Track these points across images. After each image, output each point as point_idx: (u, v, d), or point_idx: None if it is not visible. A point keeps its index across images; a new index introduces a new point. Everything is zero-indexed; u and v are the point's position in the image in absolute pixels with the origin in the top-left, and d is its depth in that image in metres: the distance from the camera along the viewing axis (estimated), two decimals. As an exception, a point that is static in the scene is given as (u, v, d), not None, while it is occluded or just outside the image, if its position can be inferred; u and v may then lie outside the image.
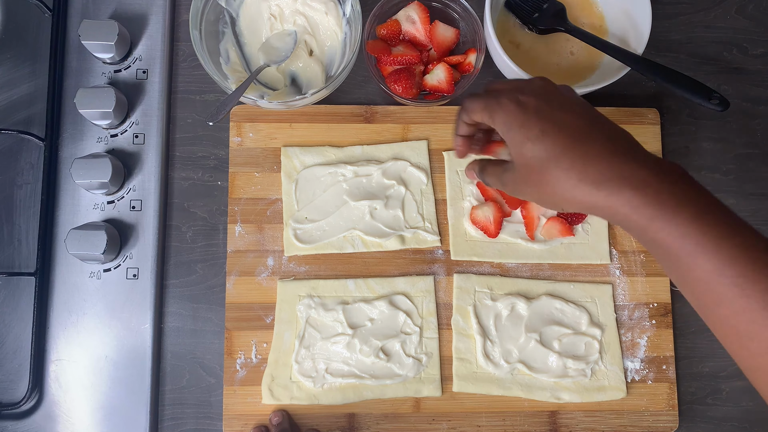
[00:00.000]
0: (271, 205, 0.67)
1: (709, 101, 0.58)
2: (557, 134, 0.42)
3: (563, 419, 0.64)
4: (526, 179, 0.44)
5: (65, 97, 0.67)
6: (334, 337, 0.64)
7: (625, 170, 0.39)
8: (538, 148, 0.42)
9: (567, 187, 0.41)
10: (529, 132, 0.42)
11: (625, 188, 0.39)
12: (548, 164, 0.42)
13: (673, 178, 0.39)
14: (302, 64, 0.66)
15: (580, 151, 0.41)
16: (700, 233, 0.37)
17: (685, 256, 0.38)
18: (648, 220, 0.39)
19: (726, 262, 0.37)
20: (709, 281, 0.38)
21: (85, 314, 0.64)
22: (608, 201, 0.40)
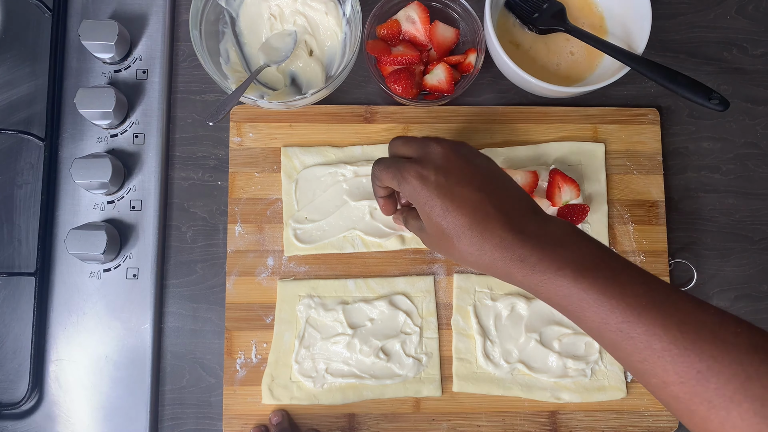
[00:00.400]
0: (271, 205, 0.67)
1: (709, 101, 0.58)
2: (457, 212, 0.46)
3: (563, 419, 0.64)
4: (438, 243, 0.49)
5: (65, 97, 0.67)
6: (334, 337, 0.64)
7: (515, 245, 0.44)
8: (441, 224, 0.47)
9: (472, 257, 0.46)
10: (432, 210, 0.47)
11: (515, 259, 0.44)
12: (452, 236, 0.47)
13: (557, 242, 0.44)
14: (302, 64, 0.66)
15: (478, 229, 0.45)
16: (581, 291, 0.42)
17: (574, 312, 0.43)
18: (537, 285, 0.44)
19: (608, 312, 0.41)
20: (599, 330, 0.42)
21: (85, 314, 0.64)
22: (505, 269, 0.45)
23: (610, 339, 0.41)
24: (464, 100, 0.70)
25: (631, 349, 0.40)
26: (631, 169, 0.69)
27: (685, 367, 0.38)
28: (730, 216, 0.71)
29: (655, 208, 0.68)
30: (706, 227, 0.70)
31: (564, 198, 0.66)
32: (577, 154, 0.68)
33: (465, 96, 0.70)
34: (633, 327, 0.40)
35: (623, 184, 0.69)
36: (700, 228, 0.70)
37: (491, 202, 0.46)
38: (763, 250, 0.70)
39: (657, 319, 0.40)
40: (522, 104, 0.70)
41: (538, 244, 0.44)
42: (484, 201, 0.46)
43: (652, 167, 0.69)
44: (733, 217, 0.71)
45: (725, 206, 0.71)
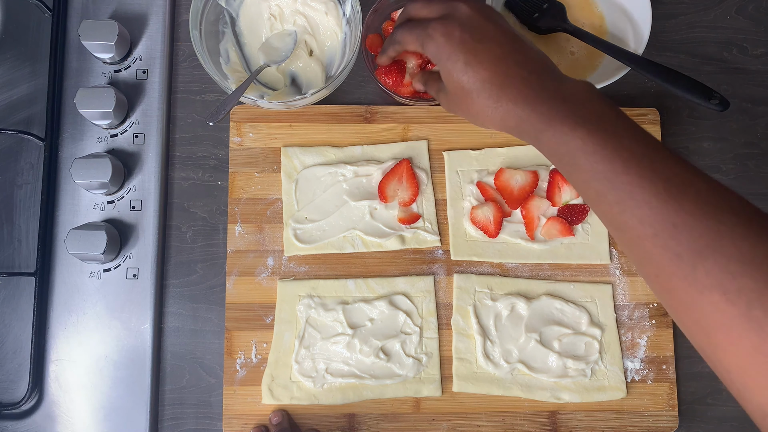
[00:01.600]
0: (271, 205, 0.67)
1: (709, 101, 0.58)
2: (478, 66, 0.47)
3: (563, 419, 0.64)
4: (457, 101, 0.51)
5: (65, 97, 0.67)
6: (334, 337, 0.64)
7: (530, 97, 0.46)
8: (462, 79, 0.48)
9: (488, 111, 0.48)
10: (455, 64, 0.48)
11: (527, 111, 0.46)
12: (470, 92, 0.48)
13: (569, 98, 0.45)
14: (302, 64, 0.66)
15: (497, 84, 0.47)
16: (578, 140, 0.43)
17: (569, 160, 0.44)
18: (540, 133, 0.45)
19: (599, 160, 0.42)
20: (587, 181, 0.43)
21: (85, 314, 0.64)
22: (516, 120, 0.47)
23: (596, 189, 0.42)
24: (464, 100, 0.70)
25: (613, 198, 0.41)
26: (631, 169, 0.69)
27: (662, 219, 0.38)
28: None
29: (655, 208, 0.68)
30: (706, 227, 0.70)
31: (564, 198, 0.66)
32: (577, 154, 0.68)
33: (465, 96, 0.70)
34: (619, 176, 0.41)
35: (623, 184, 0.68)
36: (700, 228, 0.70)
37: (513, 58, 0.48)
38: (763, 250, 0.70)
39: (645, 171, 0.40)
40: (522, 104, 0.70)
41: (551, 98, 0.46)
42: (505, 57, 0.47)
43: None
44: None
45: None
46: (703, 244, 0.37)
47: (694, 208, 0.38)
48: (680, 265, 0.38)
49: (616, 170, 0.41)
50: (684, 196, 0.39)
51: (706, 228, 0.37)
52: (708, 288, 0.36)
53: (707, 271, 0.36)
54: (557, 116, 0.44)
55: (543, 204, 0.66)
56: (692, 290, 0.37)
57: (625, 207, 0.40)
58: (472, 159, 0.68)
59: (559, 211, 0.67)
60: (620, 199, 0.41)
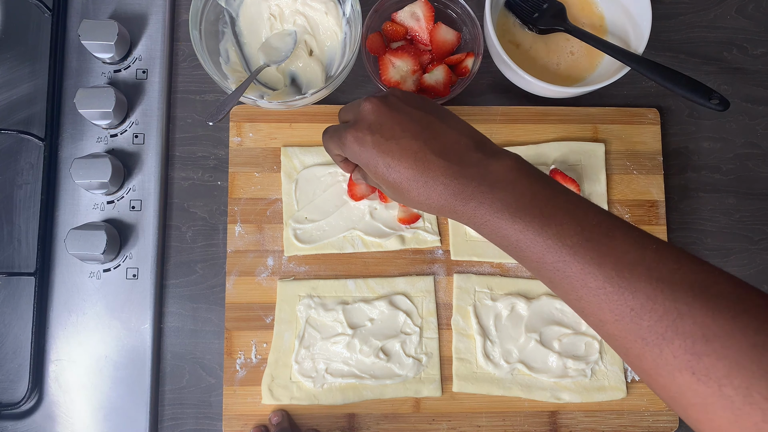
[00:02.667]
0: (271, 205, 0.67)
1: (709, 101, 0.58)
2: (399, 166, 0.46)
3: (563, 419, 0.64)
4: (394, 193, 0.49)
5: (65, 97, 0.67)
6: (334, 337, 0.64)
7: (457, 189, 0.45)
8: (389, 179, 0.47)
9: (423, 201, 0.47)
10: (377, 168, 0.48)
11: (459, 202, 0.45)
12: (403, 187, 0.47)
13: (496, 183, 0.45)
14: (302, 64, 0.66)
15: (422, 179, 0.46)
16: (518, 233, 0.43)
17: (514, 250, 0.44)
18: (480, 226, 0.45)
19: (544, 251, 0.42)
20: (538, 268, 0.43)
21: (85, 314, 0.64)
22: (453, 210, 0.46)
23: (548, 277, 0.42)
24: (464, 100, 0.70)
25: (568, 287, 0.41)
26: (631, 169, 0.69)
27: (620, 306, 0.38)
28: (730, 216, 0.70)
29: (655, 208, 0.68)
30: (706, 227, 0.70)
31: (564, 198, 0.66)
32: (577, 153, 0.68)
33: (465, 96, 0.70)
34: (569, 266, 0.40)
35: (623, 184, 0.69)
36: (700, 228, 0.70)
37: (430, 148, 0.46)
38: (763, 250, 0.70)
39: (593, 257, 0.40)
40: (522, 104, 0.70)
41: (478, 186, 0.45)
42: (422, 149, 0.46)
43: (652, 167, 0.69)
44: (733, 217, 0.70)
45: (725, 206, 0.71)
46: (664, 326, 0.36)
47: (650, 289, 0.38)
48: (646, 348, 0.37)
49: (565, 260, 0.41)
50: (637, 278, 0.38)
51: (665, 310, 0.37)
52: (678, 369, 0.36)
53: (674, 353, 0.36)
54: (490, 210, 0.44)
55: (543, 204, 0.66)
56: (663, 371, 0.37)
57: (581, 295, 0.40)
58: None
59: (559, 211, 0.66)
60: (574, 288, 0.40)
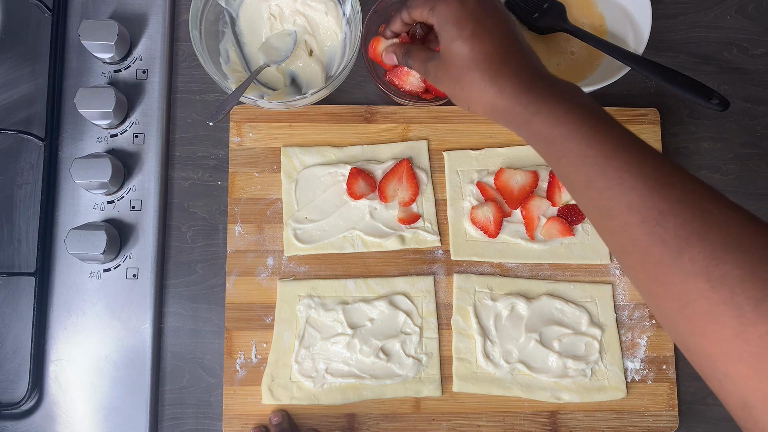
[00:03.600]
0: (271, 205, 0.67)
1: (709, 101, 0.58)
2: (484, 39, 0.47)
3: (563, 419, 0.64)
4: (448, 72, 0.49)
5: (65, 97, 0.67)
6: (334, 337, 0.64)
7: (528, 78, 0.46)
8: (465, 47, 0.47)
9: (480, 87, 0.47)
10: (462, 30, 0.47)
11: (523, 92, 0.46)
12: (469, 64, 0.47)
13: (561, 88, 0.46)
14: (302, 64, 0.66)
15: (498, 60, 0.47)
16: (571, 122, 0.43)
17: (559, 142, 0.44)
18: (533, 115, 0.45)
19: (590, 144, 0.42)
20: (576, 164, 0.43)
21: (85, 314, 0.64)
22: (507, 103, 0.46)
23: (584, 173, 0.42)
24: (464, 100, 0.70)
25: (603, 184, 0.41)
26: (631, 169, 0.69)
27: (650, 206, 0.39)
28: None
29: (655, 208, 0.68)
30: (706, 227, 0.70)
31: (564, 198, 0.66)
32: (577, 154, 0.68)
33: (465, 96, 0.70)
34: (609, 162, 0.41)
35: (623, 184, 0.68)
36: (700, 228, 0.70)
37: (516, 40, 0.48)
38: (763, 250, 0.70)
39: (633, 158, 0.41)
40: (522, 104, 0.70)
41: (545, 83, 0.46)
42: (510, 38, 0.48)
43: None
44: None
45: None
46: (688, 230, 0.37)
47: (681, 196, 0.39)
48: (666, 252, 0.38)
49: (607, 155, 0.41)
50: (670, 184, 0.39)
51: (692, 215, 0.38)
52: (693, 274, 0.36)
53: (692, 257, 0.37)
54: (551, 100, 0.45)
55: (543, 204, 0.66)
56: (677, 277, 0.37)
57: (614, 193, 0.41)
58: (472, 159, 0.68)
59: (559, 211, 0.67)
60: (609, 185, 0.41)
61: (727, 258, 0.36)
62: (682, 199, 0.39)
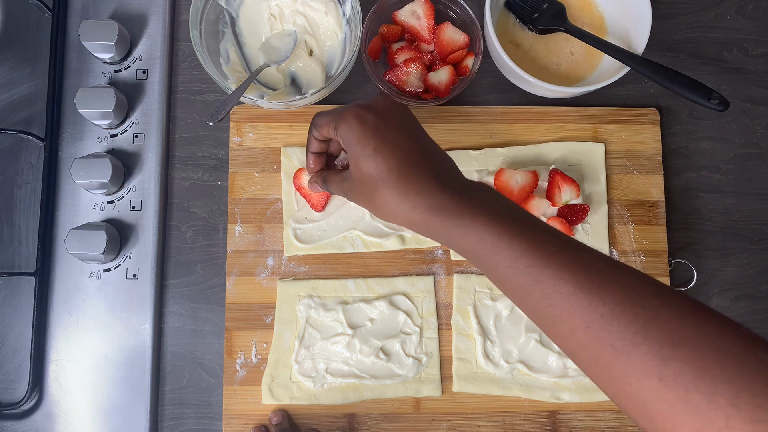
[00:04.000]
0: (271, 205, 0.67)
1: (709, 101, 0.58)
2: (387, 154, 0.47)
3: (563, 419, 0.64)
4: (361, 190, 0.49)
5: (65, 97, 0.67)
6: (334, 337, 0.64)
7: (437, 191, 0.45)
8: (369, 165, 0.47)
9: (391, 203, 0.47)
10: (364, 149, 0.47)
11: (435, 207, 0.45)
12: (377, 181, 0.47)
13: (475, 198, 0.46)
14: (302, 64, 0.66)
15: (404, 174, 0.46)
16: (494, 236, 0.43)
17: (485, 256, 0.44)
18: (452, 230, 0.45)
19: (517, 255, 0.42)
20: (508, 275, 0.43)
21: (85, 314, 0.64)
22: (423, 216, 0.46)
23: (518, 283, 0.42)
24: (464, 100, 0.70)
25: (539, 293, 0.41)
26: (631, 169, 0.69)
27: (590, 311, 0.39)
28: (730, 216, 0.71)
29: (655, 208, 0.68)
30: (706, 227, 0.70)
31: (564, 198, 0.66)
32: (577, 154, 0.68)
33: (465, 96, 0.70)
34: (541, 270, 0.41)
35: (623, 184, 0.69)
36: (700, 228, 0.70)
37: (421, 151, 0.48)
38: (763, 250, 0.70)
39: (564, 263, 0.40)
40: (522, 104, 0.70)
41: (458, 194, 0.45)
42: (415, 150, 0.47)
43: (652, 167, 0.69)
44: (733, 217, 0.71)
45: (725, 206, 0.71)
46: (632, 332, 0.37)
47: (618, 296, 0.38)
48: (615, 355, 0.38)
49: (538, 264, 0.41)
50: (606, 286, 0.39)
51: (634, 315, 0.37)
52: (645, 376, 0.36)
53: (641, 359, 0.36)
54: (469, 212, 0.44)
55: (543, 204, 0.66)
56: (631, 379, 0.37)
57: (552, 301, 0.40)
58: (472, 159, 0.68)
59: (559, 211, 0.67)
60: (546, 294, 0.41)
61: (674, 356, 0.35)
62: (620, 299, 0.38)
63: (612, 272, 0.40)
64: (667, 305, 0.38)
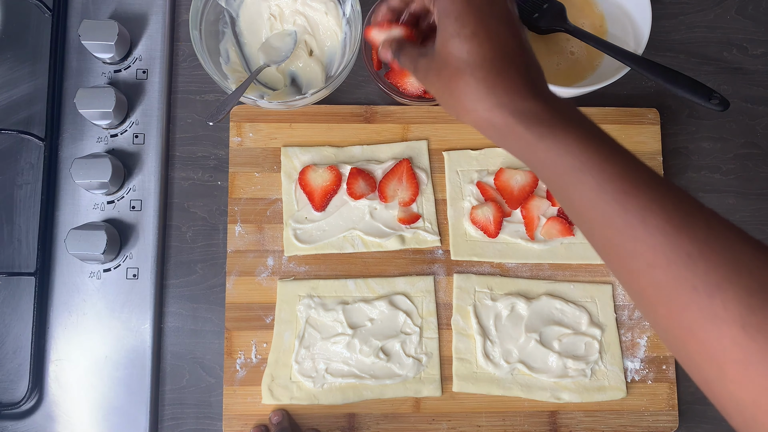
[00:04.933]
0: (271, 205, 0.67)
1: (709, 101, 0.58)
2: (485, 42, 0.41)
3: (563, 419, 0.64)
4: (439, 72, 0.43)
5: (65, 97, 0.67)
6: (334, 337, 0.64)
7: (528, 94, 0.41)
8: (462, 47, 0.42)
9: (472, 97, 0.41)
10: (462, 28, 0.42)
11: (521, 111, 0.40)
12: (465, 67, 0.42)
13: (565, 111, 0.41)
14: (302, 64, 0.66)
15: (497, 68, 0.41)
16: (584, 153, 0.39)
17: (571, 173, 0.39)
18: (538, 140, 0.40)
19: (607, 178, 0.38)
20: (592, 198, 0.39)
21: (85, 314, 0.64)
22: (504, 119, 0.41)
23: (602, 210, 0.39)
24: (464, 100, 0.70)
25: (623, 224, 0.38)
26: (631, 169, 0.69)
27: (676, 248, 0.36)
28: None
29: (655, 208, 0.68)
30: (706, 227, 0.70)
31: (564, 198, 0.66)
32: (577, 154, 0.68)
33: (465, 96, 0.70)
34: (629, 199, 0.38)
35: (623, 184, 0.68)
36: (700, 228, 0.70)
37: (520, 49, 0.42)
38: (763, 250, 0.70)
39: (655, 194, 0.38)
40: (522, 104, 0.70)
41: (549, 102, 0.41)
42: (514, 45, 0.42)
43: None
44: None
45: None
46: (720, 275, 0.35)
47: (708, 237, 0.36)
48: (695, 298, 0.35)
49: (627, 191, 0.38)
50: (696, 224, 0.37)
51: (723, 259, 0.35)
52: (726, 321, 0.34)
53: (725, 304, 0.34)
54: (560, 124, 0.40)
55: (543, 204, 0.66)
56: (707, 323, 0.35)
57: (637, 233, 0.37)
58: (472, 159, 0.68)
59: (559, 211, 0.67)
60: (631, 224, 0.37)
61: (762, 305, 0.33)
62: (711, 241, 0.36)
63: (702, 212, 0.37)
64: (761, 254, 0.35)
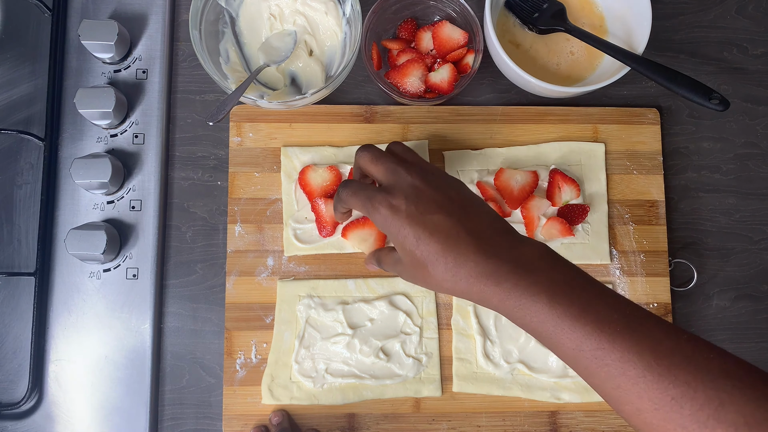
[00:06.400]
0: (271, 205, 0.67)
1: (709, 101, 0.58)
2: (429, 239, 0.46)
3: (563, 419, 0.64)
4: (414, 272, 0.48)
5: (65, 97, 0.67)
6: (334, 337, 0.64)
7: (489, 270, 0.44)
8: (415, 252, 0.47)
9: (446, 282, 0.46)
10: (405, 239, 0.47)
11: (490, 284, 0.44)
12: (427, 265, 0.46)
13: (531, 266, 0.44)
14: (302, 64, 0.66)
15: (451, 256, 0.45)
16: (556, 317, 0.42)
17: (549, 337, 0.43)
18: (512, 310, 0.44)
19: (582, 338, 0.41)
20: (574, 357, 0.42)
21: (85, 314, 0.64)
22: (481, 294, 0.45)
23: (584, 365, 0.41)
24: (464, 100, 0.70)
25: (605, 375, 0.40)
26: (631, 169, 0.69)
27: (660, 394, 0.38)
28: (730, 216, 0.70)
29: (655, 208, 0.68)
30: (706, 227, 0.70)
31: (564, 198, 0.66)
32: (577, 154, 0.68)
33: (465, 96, 0.70)
34: (607, 353, 0.40)
35: (623, 184, 0.69)
36: (700, 228, 0.70)
37: (463, 226, 0.46)
38: (763, 250, 0.70)
39: (631, 345, 0.40)
40: (522, 104, 0.70)
41: (512, 269, 0.44)
42: (455, 226, 0.46)
43: (652, 167, 0.69)
44: (733, 217, 0.70)
45: (725, 206, 0.71)
46: (706, 414, 0.36)
47: (689, 377, 0.38)
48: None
49: (603, 347, 0.40)
50: (676, 366, 0.38)
51: (706, 398, 0.37)
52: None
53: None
54: (527, 293, 0.43)
55: (543, 204, 0.66)
56: None
57: (619, 383, 0.40)
58: (472, 159, 0.68)
59: (559, 211, 0.67)
60: (612, 376, 0.40)
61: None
62: (692, 381, 0.38)
63: (681, 351, 0.39)
64: (740, 386, 0.37)
